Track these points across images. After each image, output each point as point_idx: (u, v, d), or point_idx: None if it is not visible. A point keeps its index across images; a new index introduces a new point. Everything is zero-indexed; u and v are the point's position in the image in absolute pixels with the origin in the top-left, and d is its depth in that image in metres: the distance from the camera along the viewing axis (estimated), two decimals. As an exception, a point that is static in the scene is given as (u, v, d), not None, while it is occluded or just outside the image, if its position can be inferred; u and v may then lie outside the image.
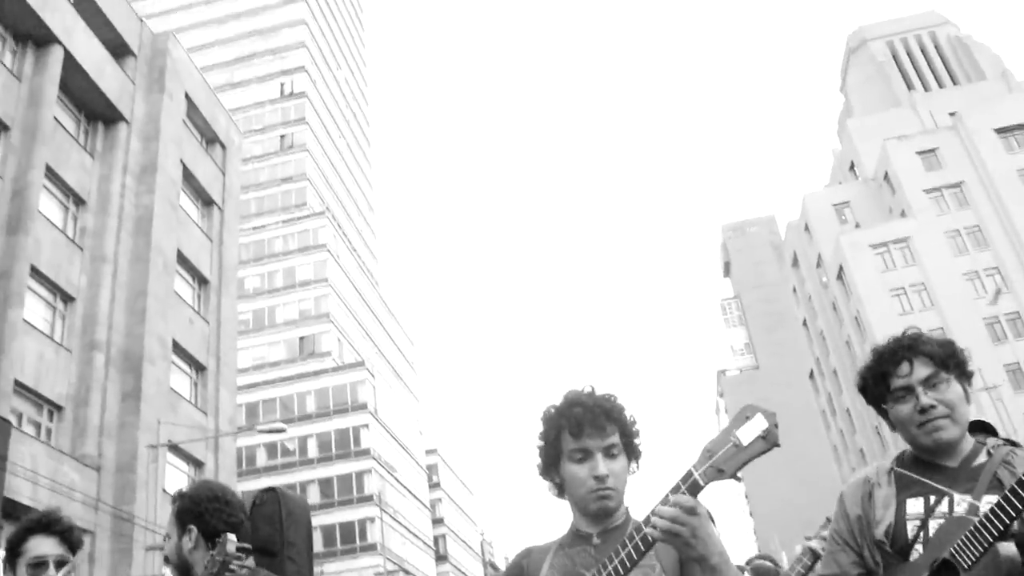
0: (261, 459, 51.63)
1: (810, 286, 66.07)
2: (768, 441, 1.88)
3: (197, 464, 27.32)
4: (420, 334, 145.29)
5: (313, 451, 53.02)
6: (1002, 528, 2.09)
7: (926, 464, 2.47)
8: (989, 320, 51.23)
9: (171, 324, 26.85)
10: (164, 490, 23.88)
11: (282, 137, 69.62)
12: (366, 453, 51.11)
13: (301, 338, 58.67)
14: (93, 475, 22.27)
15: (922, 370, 2.43)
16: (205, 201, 31.75)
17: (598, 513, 2.35)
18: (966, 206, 54.88)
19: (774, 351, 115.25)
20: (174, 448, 25.31)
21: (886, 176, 58.97)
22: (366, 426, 53.54)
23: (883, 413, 2.57)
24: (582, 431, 2.34)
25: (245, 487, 41.22)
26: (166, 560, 2.98)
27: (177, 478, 26.18)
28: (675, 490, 1.99)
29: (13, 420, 19.90)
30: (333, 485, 51.33)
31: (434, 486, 69.63)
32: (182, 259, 28.70)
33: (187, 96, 30.76)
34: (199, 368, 28.86)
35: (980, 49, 74.19)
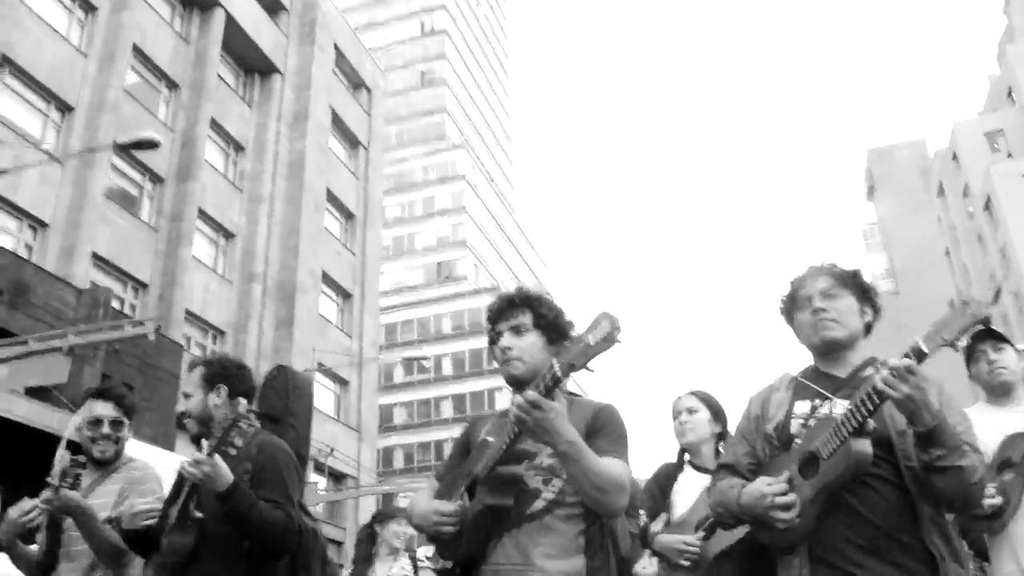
0: (398, 376, 55.05)
1: (955, 216, 64.09)
2: (609, 341, 2.20)
3: (343, 383, 30.31)
4: (552, 256, 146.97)
5: (447, 369, 55.86)
6: (856, 426, 2.35)
7: (821, 374, 2.73)
8: None
9: (321, 257, 29.61)
10: (316, 408, 26.88)
11: (423, 72, 71.65)
12: (497, 372, 53.78)
13: (439, 264, 61.52)
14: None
15: (822, 282, 2.74)
16: (352, 142, 34.25)
17: (508, 381, 2.77)
18: None
19: (916, 279, 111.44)
20: (323, 369, 28.26)
21: (1044, 103, 56.21)
22: (499, 347, 56.04)
23: (792, 324, 2.86)
24: (496, 317, 2.83)
25: (382, 401, 44.57)
26: (183, 415, 3.38)
27: (326, 397, 29.20)
28: (535, 387, 2.37)
29: (183, 343, 22.95)
30: (466, 401, 54.04)
31: (561, 402, 72.01)
32: (331, 197, 31.34)
33: (335, 46, 33.02)
34: (345, 296, 31.70)
35: None
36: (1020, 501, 3.62)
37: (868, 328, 2.76)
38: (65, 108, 21.29)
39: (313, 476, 25.39)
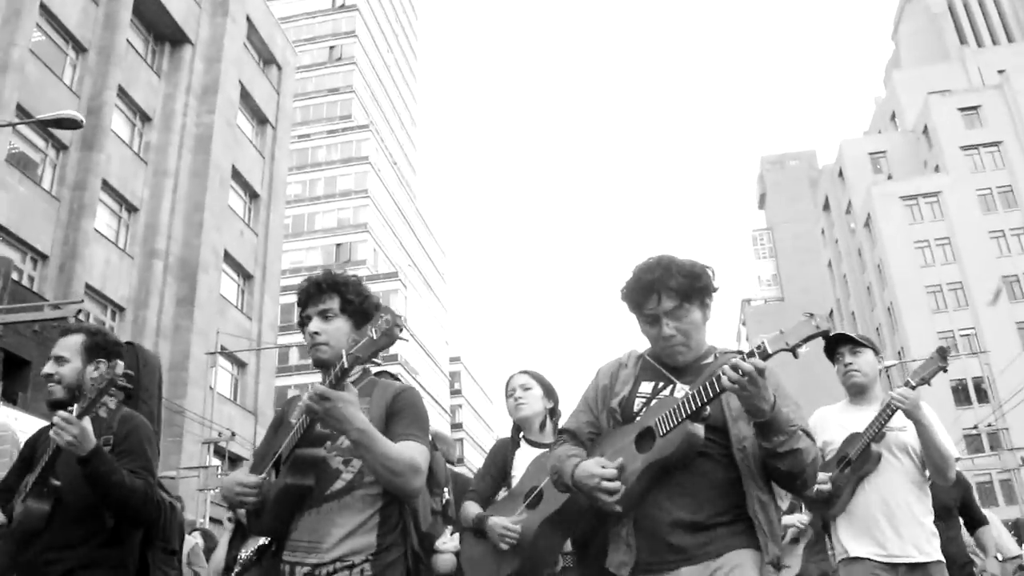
0: (293, 358, 54.24)
1: (838, 230, 66.80)
2: (389, 336, 2.32)
3: (241, 365, 29.81)
4: (452, 244, 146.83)
5: (342, 354, 55.49)
6: (694, 408, 2.52)
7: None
8: (1008, 278, 52.18)
9: (224, 235, 28.99)
10: (211, 388, 26.39)
11: (331, 48, 70.43)
12: (393, 359, 53.48)
13: (338, 245, 60.72)
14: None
15: (667, 303, 2.74)
16: (260, 120, 33.56)
17: (315, 364, 2.82)
18: (1001, 167, 54.98)
19: (801, 285, 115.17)
20: (224, 352, 27.72)
21: (925, 130, 59.04)
22: (396, 334, 55.96)
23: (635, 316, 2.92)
24: (305, 301, 2.89)
25: (279, 383, 43.91)
26: (49, 378, 3.25)
27: (223, 378, 28.67)
28: (324, 379, 2.52)
29: (82, 318, 22.24)
30: (360, 383, 53.71)
31: (455, 393, 72.27)
32: (236, 174, 30.67)
33: (248, 18, 32.26)
34: (246, 276, 31.12)
35: (1039, 5, 72.60)
36: (851, 493, 4.06)
37: (707, 318, 2.88)
38: (-34, 66, 20.30)
39: (214, 460, 24.98)
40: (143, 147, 26.88)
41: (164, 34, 28.39)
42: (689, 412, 2.52)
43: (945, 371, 4.19)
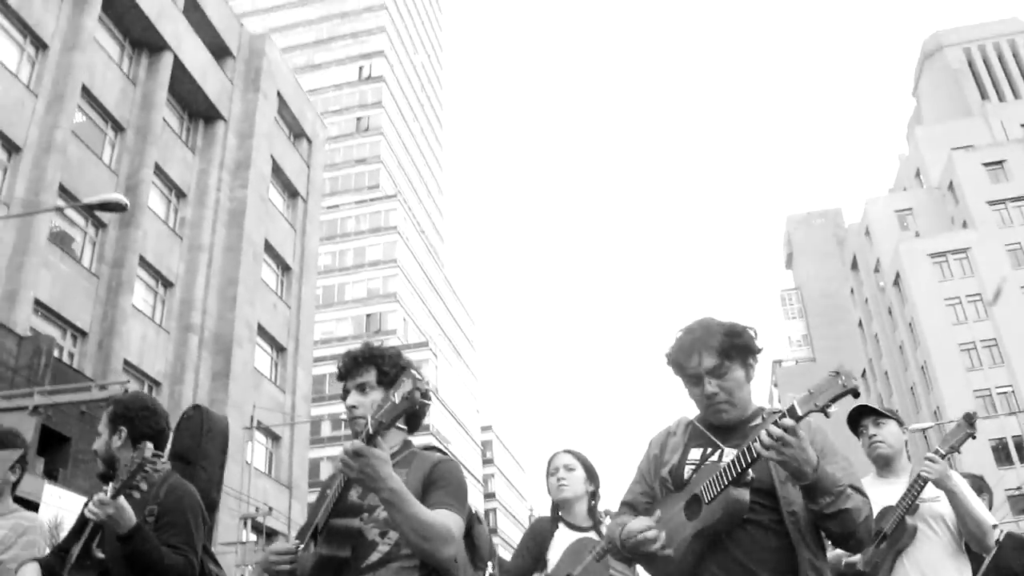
0: (326, 430, 54.23)
1: (867, 289, 66.40)
2: (410, 400, 2.31)
3: (275, 438, 29.81)
4: (481, 312, 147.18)
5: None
6: (735, 474, 2.55)
7: (713, 423, 2.91)
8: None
9: (257, 309, 29.25)
10: (247, 462, 26.37)
11: (358, 119, 71.80)
12: (426, 429, 53.47)
13: (368, 315, 61.09)
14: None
15: (708, 361, 2.80)
16: (291, 193, 34.08)
17: (354, 436, 2.77)
18: (1030, 220, 54.83)
19: (831, 344, 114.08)
20: (260, 427, 27.75)
21: (951, 186, 58.94)
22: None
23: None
24: (344, 375, 2.93)
25: (312, 455, 43.82)
26: (95, 454, 3.39)
27: (258, 452, 28.67)
28: (358, 435, 2.52)
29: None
30: (394, 456, 53.57)
31: (487, 462, 71.78)
32: (269, 248, 31.06)
33: (279, 94, 33.00)
34: (279, 349, 31.30)
35: (1060, 59, 72.99)
36: (890, 570, 3.96)
37: (751, 378, 2.90)
38: (12, 148, 20.84)
39: (251, 535, 24.82)
40: (178, 223, 27.33)
41: (198, 111, 29.06)
42: (731, 478, 2.55)
43: (974, 438, 4.26)
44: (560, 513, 4.20)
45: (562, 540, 4.05)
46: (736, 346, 2.80)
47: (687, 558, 2.62)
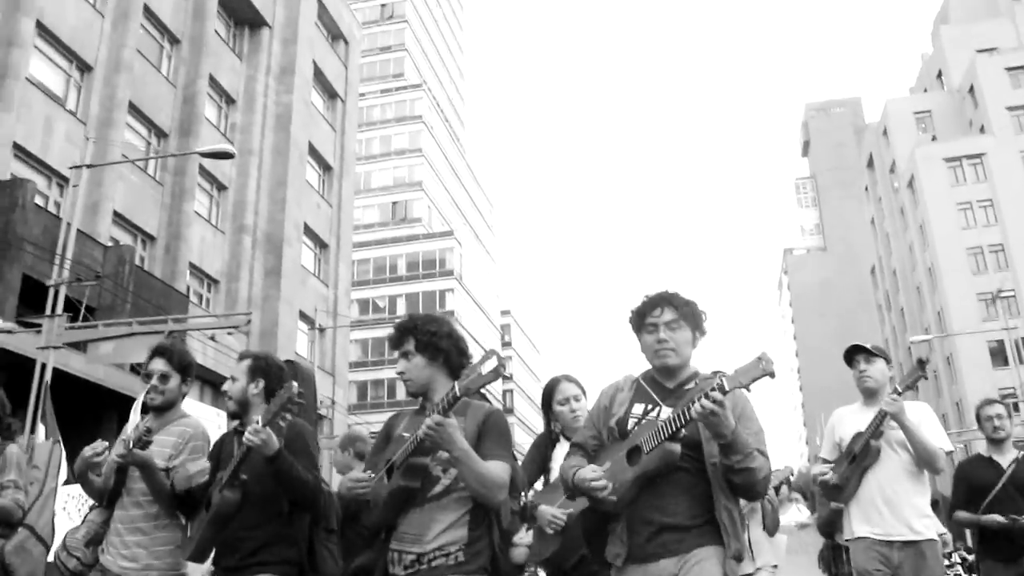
0: (354, 315, 56.77)
1: (881, 188, 66.84)
2: (495, 374, 2.90)
3: (320, 330, 32.10)
4: (500, 196, 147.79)
5: (401, 309, 57.49)
6: (672, 431, 2.97)
7: (656, 382, 3.33)
8: (1051, 240, 52.68)
9: (303, 209, 31.05)
10: (296, 352, 28.67)
11: (383, 6, 71.53)
12: (450, 315, 55.70)
13: (394, 203, 62.79)
14: (243, 338, 27.05)
15: (668, 315, 3.27)
16: (330, 95, 35.38)
17: (407, 393, 3.45)
18: (1048, 127, 54.92)
19: (843, 235, 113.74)
20: (303, 316, 30.02)
21: (971, 89, 58.82)
22: (451, 290, 58.27)
23: (638, 338, 3.38)
24: (392, 345, 3.47)
25: (354, 336, 45.86)
26: (226, 394, 3.95)
27: (302, 340, 30.98)
28: (437, 406, 3.06)
29: (187, 294, 24.46)
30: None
31: (506, 344, 74.21)
32: (312, 150, 32.60)
33: (318, -1, 33.89)
34: (323, 245, 33.25)
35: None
36: (858, 485, 4.72)
37: (695, 346, 3.36)
38: (85, 68, 22.32)
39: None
40: (228, 128, 28.79)
41: (243, 18, 30.11)
42: (668, 434, 2.99)
43: (925, 378, 5.23)
44: (561, 429, 4.67)
45: (564, 453, 4.38)
46: (692, 313, 3.32)
47: (627, 496, 3.10)
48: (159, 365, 4.15)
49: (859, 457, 4.69)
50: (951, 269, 53.56)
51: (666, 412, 3.09)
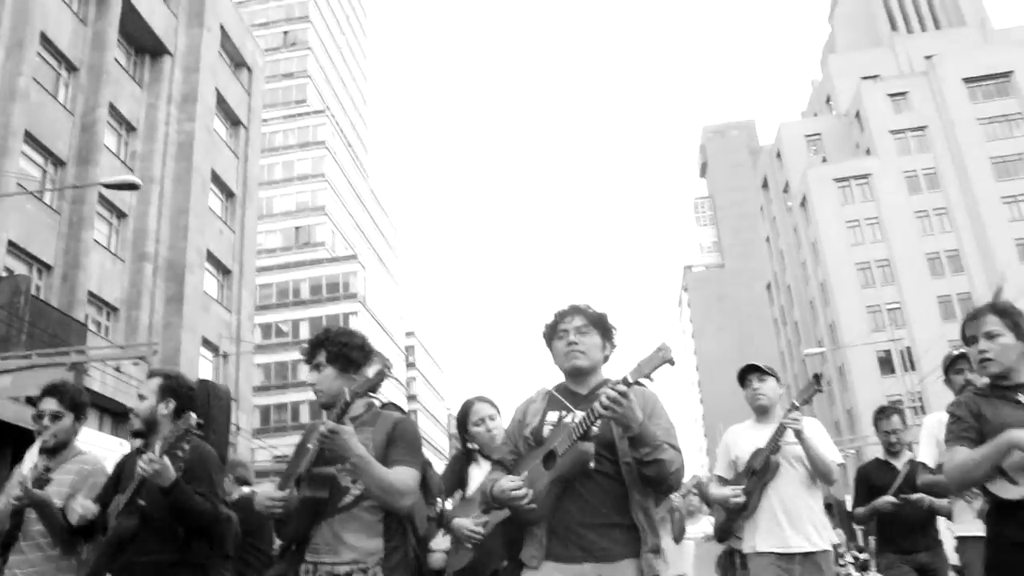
0: (257, 339, 56.16)
1: (776, 208, 69.44)
2: (381, 375, 3.10)
3: (224, 356, 31.81)
4: (403, 219, 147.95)
5: (305, 333, 57.20)
6: (583, 431, 3.00)
7: (569, 391, 3.36)
8: (931, 255, 55.59)
9: (206, 236, 30.77)
10: (199, 378, 28.36)
11: (285, 33, 71.36)
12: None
13: (297, 228, 62.49)
14: (145, 367, 26.66)
15: (578, 321, 3.33)
16: (233, 122, 35.17)
17: (319, 406, 3.42)
18: (926, 150, 57.84)
19: (740, 252, 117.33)
20: (206, 343, 29.74)
21: (857, 114, 61.86)
22: (355, 313, 58.21)
23: (550, 348, 3.42)
24: (306, 358, 3.53)
25: (258, 361, 45.57)
26: (131, 411, 3.86)
27: (205, 366, 30.66)
28: (331, 414, 3.13)
29: (84, 322, 24.00)
30: (322, 364, 55.58)
31: (410, 365, 74.51)
32: (215, 177, 32.29)
33: (221, 26, 33.72)
34: (225, 272, 32.99)
35: (965, -8, 74.87)
36: (759, 499, 4.80)
37: (606, 359, 3.41)
38: (-23, 97, 21.90)
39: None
40: (129, 156, 28.41)
41: (145, 47, 29.80)
42: (579, 435, 3.02)
43: (821, 391, 5.23)
44: (478, 449, 4.75)
45: (483, 471, 4.51)
46: (602, 323, 3.38)
47: (546, 501, 3.10)
48: (51, 405, 4.10)
49: (760, 472, 4.80)
50: (841, 284, 56.04)
51: (579, 416, 3.09)
